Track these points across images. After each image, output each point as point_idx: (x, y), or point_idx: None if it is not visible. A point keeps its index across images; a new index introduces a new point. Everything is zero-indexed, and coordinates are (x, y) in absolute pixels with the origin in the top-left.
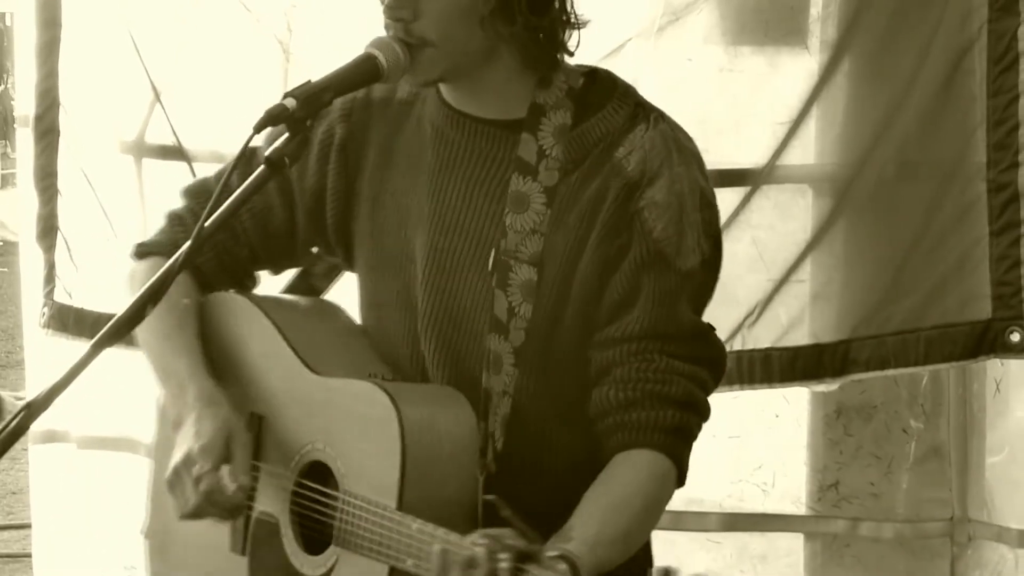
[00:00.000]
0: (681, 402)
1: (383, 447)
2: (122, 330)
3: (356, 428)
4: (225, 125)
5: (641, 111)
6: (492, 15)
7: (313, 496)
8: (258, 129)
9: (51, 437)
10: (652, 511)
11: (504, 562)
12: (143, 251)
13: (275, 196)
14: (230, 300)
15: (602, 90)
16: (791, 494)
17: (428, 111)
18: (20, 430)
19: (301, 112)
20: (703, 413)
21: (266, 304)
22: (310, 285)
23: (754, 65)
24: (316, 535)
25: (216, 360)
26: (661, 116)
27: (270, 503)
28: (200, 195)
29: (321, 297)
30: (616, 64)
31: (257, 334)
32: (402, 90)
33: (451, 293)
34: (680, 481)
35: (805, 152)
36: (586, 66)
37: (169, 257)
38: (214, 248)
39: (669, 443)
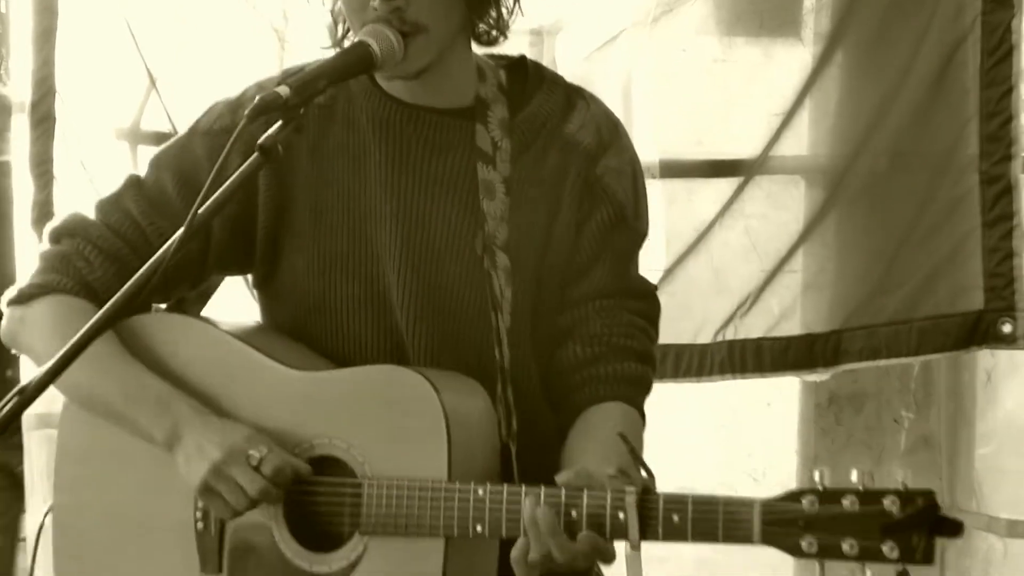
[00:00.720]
0: (641, 354)
1: (424, 425)
2: (115, 317)
3: (384, 412)
4: None
5: (573, 91)
6: None
7: (323, 491)
8: (252, 116)
9: (45, 422)
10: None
11: (630, 495)
12: (32, 293)
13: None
14: (157, 320)
15: (532, 79)
16: (782, 482)
17: (364, 108)
18: (13, 415)
19: (295, 100)
20: (655, 367)
21: (204, 318)
22: (183, 310)
23: (748, 56)
24: (323, 531)
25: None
26: (590, 94)
27: (254, 512)
28: (77, 233)
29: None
30: (611, 54)
31: (208, 345)
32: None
33: (437, 282)
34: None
35: (798, 143)
36: (504, 57)
37: (75, 295)
38: (120, 273)
39: (633, 394)
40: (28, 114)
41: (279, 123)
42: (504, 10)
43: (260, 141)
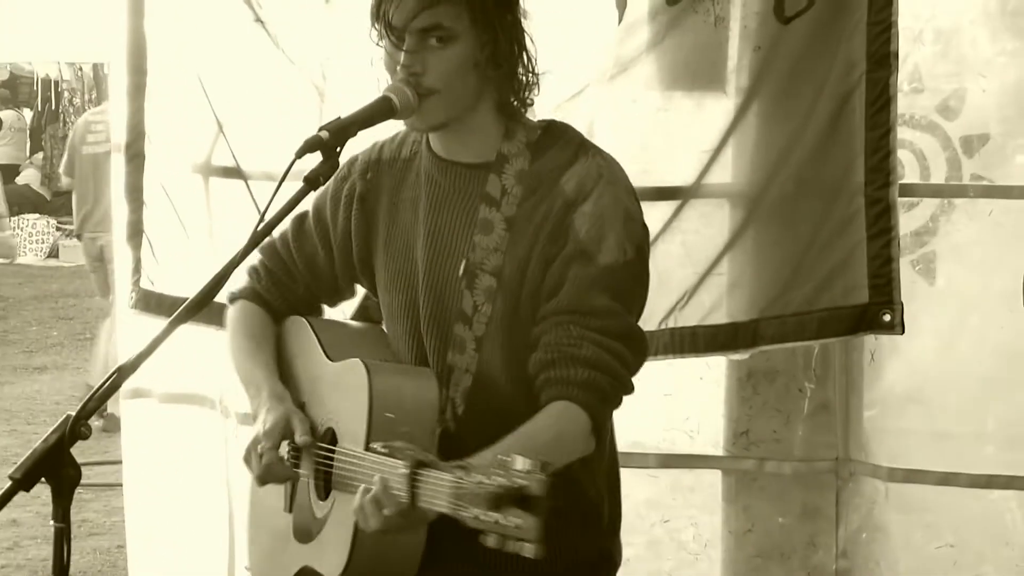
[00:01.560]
0: (591, 362)
1: (359, 407)
2: (192, 311)
3: (346, 395)
4: (274, 151)
5: (582, 149)
6: (486, 61)
7: (322, 455)
8: (299, 154)
9: (138, 394)
10: (561, 445)
11: (403, 468)
12: (232, 296)
13: (318, 243)
14: (294, 322)
15: (553, 135)
16: (712, 439)
17: (423, 165)
18: (113, 388)
19: (332, 141)
20: (616, 376)
21: (315, 321)
22: (368, 316)
23: (684, 106)
24: (326, 486)
25: (283, 368)
26: (598, 153)
27: (307, 468)
28: (262, 252)
29: (368, 322)
30: (577, 104)
31: (304, 342)
32: (406, 150)
33: (442, 297)
34: (594, 432)
35: (724, 173)
36: (544, 120)
37: (250, 300)
38: (279, 288)
39: (581, 396)
40: (123, 152)
41: (320, 160)
42: (521, 86)
43: (306, 175)
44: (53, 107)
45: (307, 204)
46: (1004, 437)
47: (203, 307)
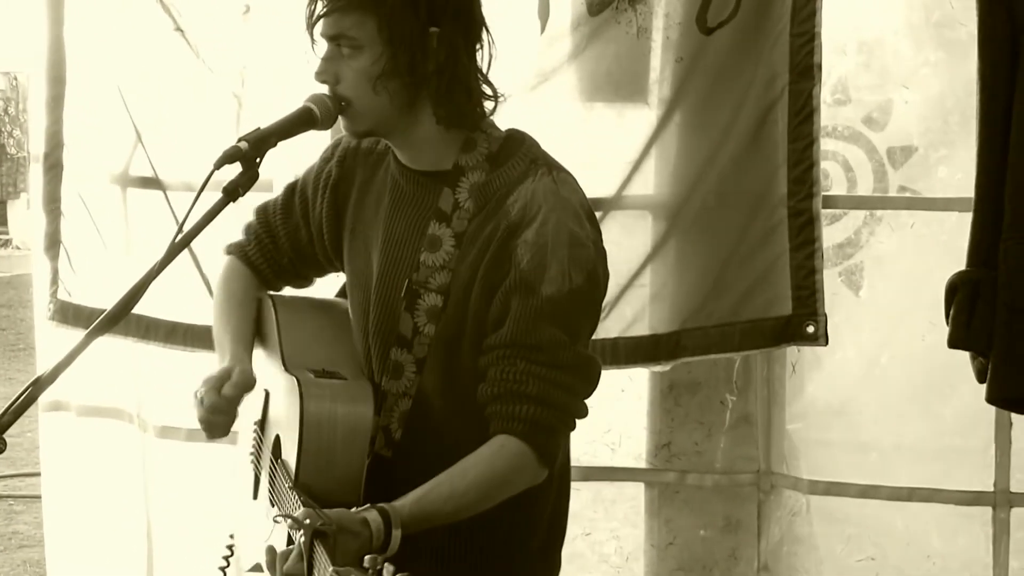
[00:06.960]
0: (536, 398)
1: (294, 432)
2: (110, 323)
3: (288, 414)
4: (192, 161)
5: (533, 166)
6: (381, 76)
7: (273, 463)
8: (218, 165)
9: (56, 406)
10: (492, 482)
11: (302, 536)
12: (227, 249)
13: (300, 219)
14: (270, 299)
15: (510, 147)
16: (634, 452)
17: (391, 165)
18: (30, 400)
19: (252, 152)
20: (563, 408)
21: (284, 304)
22: None
23: (606, 117)
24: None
25: (259, 337)
26: (550, 171)
27: (264, 464)
28: (257, 213)
29: (334, 298)
30: (499, 114)
31: (270, 330)
32: (383, 143)
33: (386, 308)
34: (544, 464)
35: (645, 184)
36: (508, 130)
37: (240, 259)
38: (264, 253)
39: (525, 431)
40: (41, 163)
41: (239, 171)
42: (459, 100)
43: (224, 186)
44: None
45: (300, 172)
46: (926, 450)
47: (120, 319)
